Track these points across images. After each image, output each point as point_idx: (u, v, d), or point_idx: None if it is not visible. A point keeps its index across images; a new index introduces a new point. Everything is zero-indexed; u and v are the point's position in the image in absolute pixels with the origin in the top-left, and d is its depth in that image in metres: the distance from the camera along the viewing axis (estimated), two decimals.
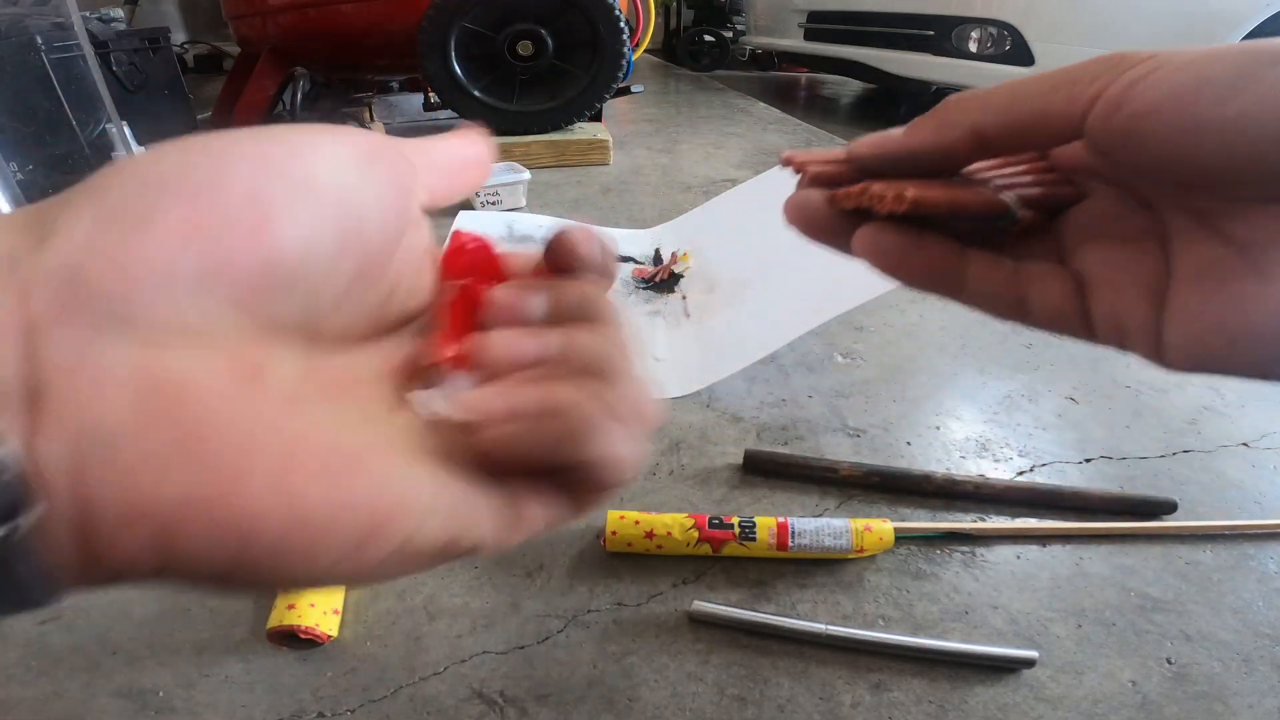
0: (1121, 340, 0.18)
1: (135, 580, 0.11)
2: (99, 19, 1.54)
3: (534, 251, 0.17)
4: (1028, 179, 0.19)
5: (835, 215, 0.20)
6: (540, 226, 0.97)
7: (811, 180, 0.20)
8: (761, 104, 2.48)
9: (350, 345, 0.15)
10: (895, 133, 0.19)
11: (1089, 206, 0.19)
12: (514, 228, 0.95)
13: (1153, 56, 0.16)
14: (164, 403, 0.10)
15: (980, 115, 0.17)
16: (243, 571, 0.11)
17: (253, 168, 0.12)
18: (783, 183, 0.20)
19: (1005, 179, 0.18)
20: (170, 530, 0.10)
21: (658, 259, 0.92)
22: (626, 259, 0.93)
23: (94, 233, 0.11)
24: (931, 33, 2.42)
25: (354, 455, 0.12)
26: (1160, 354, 0.17)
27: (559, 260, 0.16)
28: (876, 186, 0.17)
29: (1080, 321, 0.19)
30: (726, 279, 0.76)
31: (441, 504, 0.13)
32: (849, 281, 0.58)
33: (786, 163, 0.21)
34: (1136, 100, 0.15)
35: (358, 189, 0.14)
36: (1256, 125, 0.14)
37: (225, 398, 0.11)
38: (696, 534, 0.46)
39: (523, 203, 1.24)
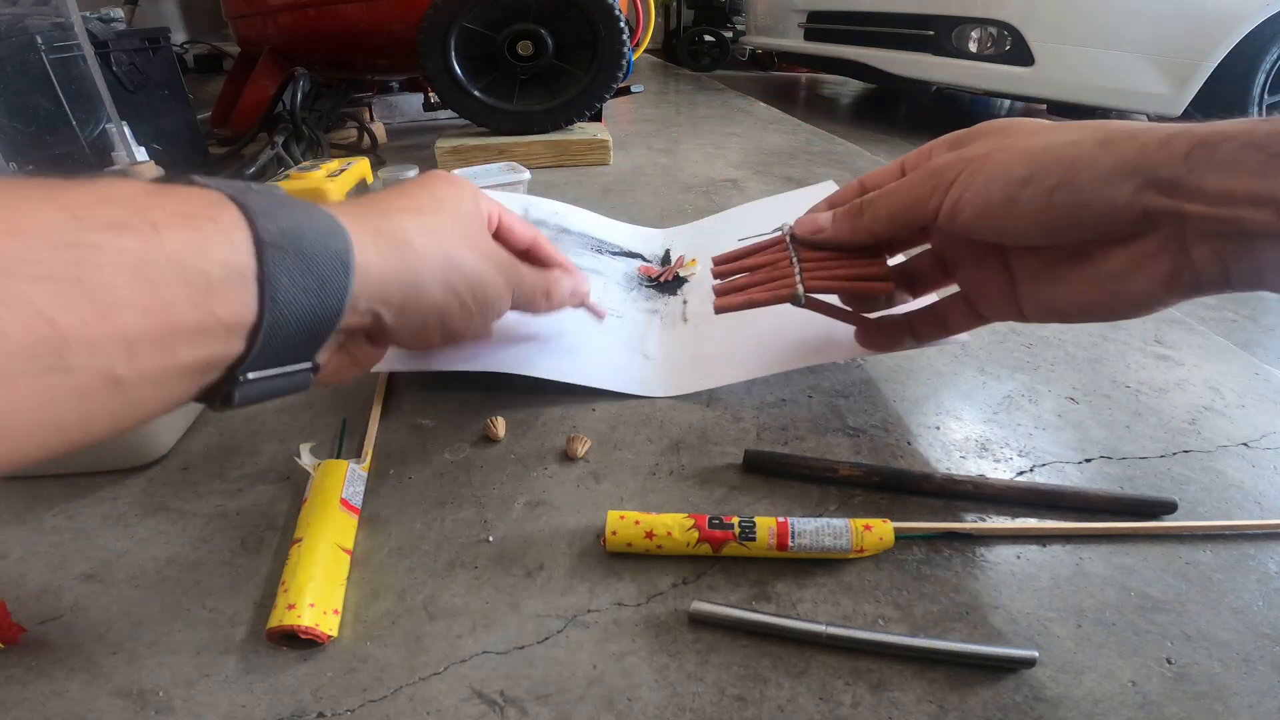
0: (996, 318, 0.41)
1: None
2: (99, 19, 1.54)
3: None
4: (841, 270, 0.35)
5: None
6: (555, 213, 0.96)
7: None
8: (761, 104, 2.48)
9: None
10: (824, 218, 0.37)
11: (956, 245, 0.41)
12: (530, 211, 0.94)
13: (960, 174, 0.33)
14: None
15: (876, 225, 0.35)
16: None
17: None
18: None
19: (816, 271, 0.36)
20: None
21: (666, 259, 0.92)
22: (635, 255, 0.92)
23: (404, 220, 0.35)
24: (931, 33, 2.42)
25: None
26: (1024, 319, 0.39)
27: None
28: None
29: (974, 320, 0.41)
30: None
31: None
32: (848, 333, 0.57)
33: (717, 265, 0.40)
34: (960, 217, 0.33)
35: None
36: (1020, 231, 0.33)
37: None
38: (696, 534, 0.46)
39: None
